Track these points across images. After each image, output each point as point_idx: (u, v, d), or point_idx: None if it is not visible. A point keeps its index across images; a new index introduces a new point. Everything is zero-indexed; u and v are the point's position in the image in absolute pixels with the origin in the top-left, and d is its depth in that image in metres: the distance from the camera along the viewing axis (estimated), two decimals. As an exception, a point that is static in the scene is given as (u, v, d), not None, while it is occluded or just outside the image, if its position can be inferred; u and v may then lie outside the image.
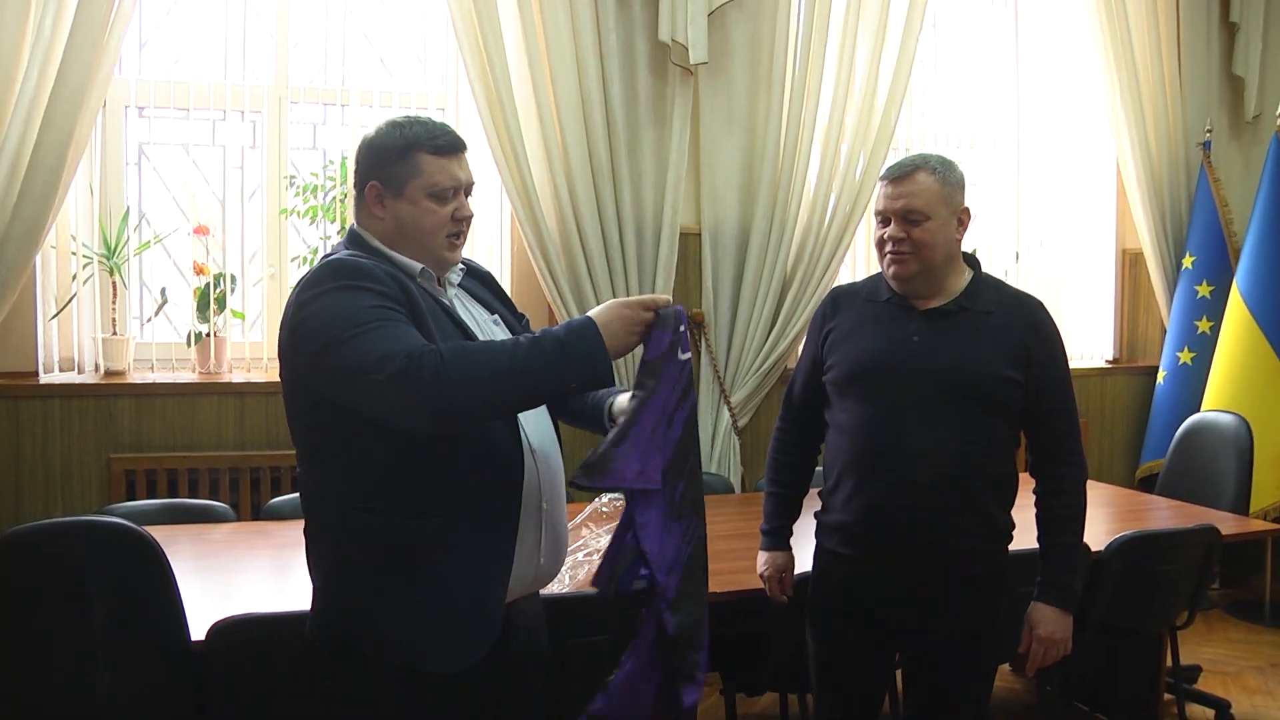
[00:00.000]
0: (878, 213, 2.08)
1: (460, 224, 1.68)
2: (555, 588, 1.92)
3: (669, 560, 1.63)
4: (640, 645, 1.65)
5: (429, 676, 1.59)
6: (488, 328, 1.74)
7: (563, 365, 1.51)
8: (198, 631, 1.85)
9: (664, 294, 3.78)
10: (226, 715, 1.87)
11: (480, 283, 1.84)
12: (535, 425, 1.71)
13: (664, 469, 1.61)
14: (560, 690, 1.88)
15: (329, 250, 1.73)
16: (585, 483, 1.56)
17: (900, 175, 2.03)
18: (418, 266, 1.66)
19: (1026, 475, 2.13)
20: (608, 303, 1.59)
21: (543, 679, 1.78)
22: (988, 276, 2.15)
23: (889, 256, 2.06)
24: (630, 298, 1.62)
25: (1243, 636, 4.11)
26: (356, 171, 1.69)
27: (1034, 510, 2.10)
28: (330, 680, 1.65)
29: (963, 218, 2.07)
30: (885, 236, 2.05)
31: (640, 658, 1.65)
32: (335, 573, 1.63)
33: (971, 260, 2.14)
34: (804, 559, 2.20)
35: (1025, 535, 2.23)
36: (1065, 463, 2.10)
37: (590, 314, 1.57)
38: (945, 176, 2.03)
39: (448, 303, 1.69)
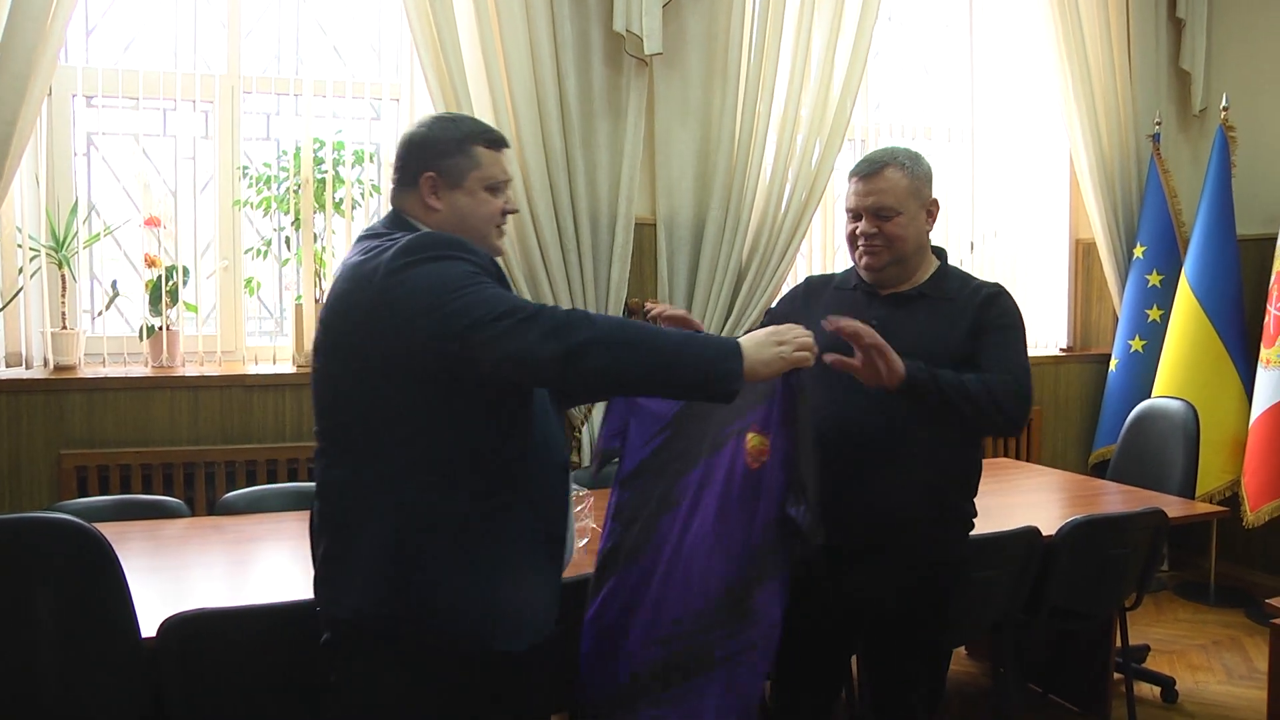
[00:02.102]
0: (849, 209, 2.11)
1: (506, 217, 1.76)
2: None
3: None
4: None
5: (489, 656, 1.61)
6: None
7: (701, 365, 1.55)
8: (150, 629, 1.83)
9: (638, 295, 3.83)
10: (181, 713, 1.85)
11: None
12: (553, 417, 1.79)
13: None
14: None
15: (370, 230, 1.73)
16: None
17: (870, 172, 2.06)
18: None
19: (988, 463, 2.17)
20: (759, 334, 1.65)
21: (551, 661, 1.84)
22: (954, 268, 2.19)
23: (862, 249, 2.09)
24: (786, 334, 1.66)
25: (1189, 616, 4.21)
26: (405, 165, 1.72)
27: (993, 498, 2.12)
28: (360, 663, 1.63)
29: (932, 209, 2.11)
30: (858, 232, 2.08)
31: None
32: (393, 553, 1.58)
33: (939, 251, 2.18)
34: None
35: (985, 521, 2.27)
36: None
37: (743, 341, 1.62)
38: (914, 171, 2.07)
39: None
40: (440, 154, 1.70)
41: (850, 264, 2.22)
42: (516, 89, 3.57)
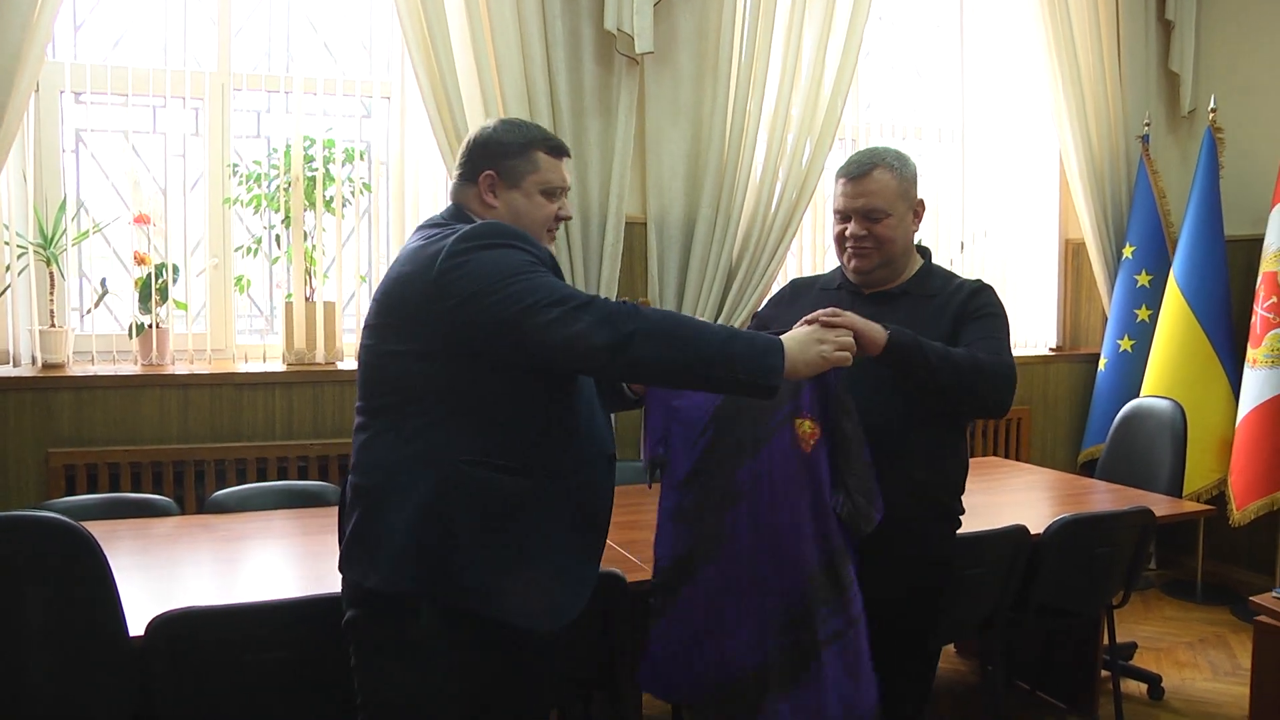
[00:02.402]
0: (837, 210, 2.11)
1: (558, 222, 1.86)
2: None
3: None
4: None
5: (513, 633, 1.66)
6: None
7: (746, 361, 1.61)
8: (138, 627, 1.82)
9: (646, 296, 3.83)
10: (171, 711, 1.85)
11: None
12: (600, 412, 1.83)
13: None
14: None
15: (430, 220, 1.83)
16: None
17: (859, 173, 2.07)
18: None
19: (978, 461, 2.18)
20: (801, 333, 1.72)
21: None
22: (937, 266, 2.20)
23: (851, 251, 2.10)
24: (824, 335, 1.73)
25: (1176, 614, 4.24)
26: (469, 161, 1.82)
27: (981, 497, 2.13)
28: (384, 634, 1.67)
29: (918, 210, 2.13)
30: (847, 234, 2.09)
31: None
32: (428, 525, 1.63)
33: (923, 250, 2.19)
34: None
35: (975, 520, 2.28)
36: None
37: (788, 349, 1.67)
38: (902, 172, 2.08)
39: None
40: (502, 154, 1.80)
41: (819, 260, 2.24)
42: (507, 87, 3.57)
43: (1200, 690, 3.45)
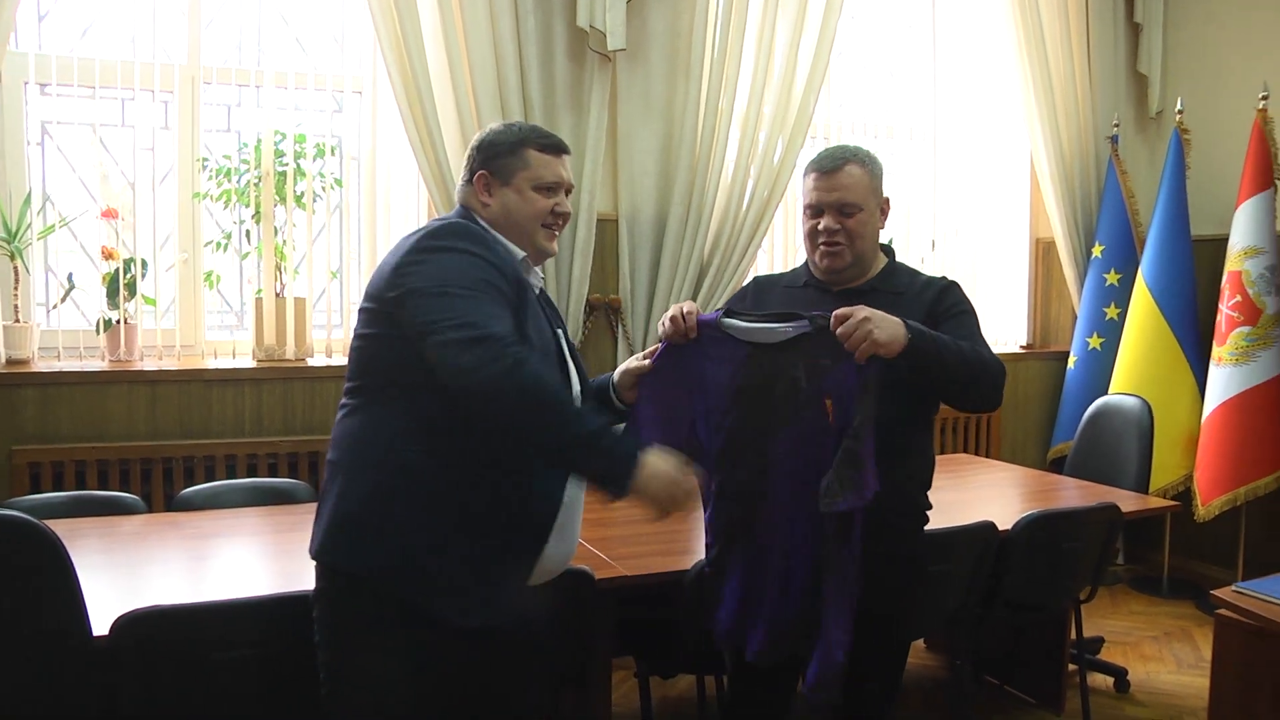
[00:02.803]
0: (809, 205, 2.11)
1: (557, 218, 1.87)
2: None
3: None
4: None
5: (438, 623, 1.66)
6: (554, 328, 1.89)
7: (595, 460, 1.63)
8: (103, 627, 1.81)
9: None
10: (137, 711, 1.83)
11: (544, 298, 1.98)
12: None
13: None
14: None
15: (441, 218, 1.88)
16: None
17: (833, 168, 2.07)
18: (520, 253, 1.84)
19: (948, 458, 2.20)
20: (667, 469, 1.65)
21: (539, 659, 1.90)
22: (902, 264, 2.22)
23: (823, 248, 2.10)
24: (685, 487, 1.68)
25: (1143, 609, 4.30)
26: (469, 163, 1.89)
27: (951, 494, 2.15)
28: (328, 606, 1.73)
29: (885, 208, 2.15)
30: (820, 228, 2.09)
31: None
32: (369, 502, 1.69)
33: (887, 249, 2.20)
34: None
35: (944, 516, 2.30)
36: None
37: (647, 462, 1.63)
38: (872, 169, 2.10)
39: (537, 292, 1.87)
40: (495, 154, 1.85)
41: (790, 257, 2.25)
42: (479, 83, 3.56)
43: (1165, 683, 3.51)
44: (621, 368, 2.05)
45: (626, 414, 2.05)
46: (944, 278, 2.19)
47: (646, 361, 2.02)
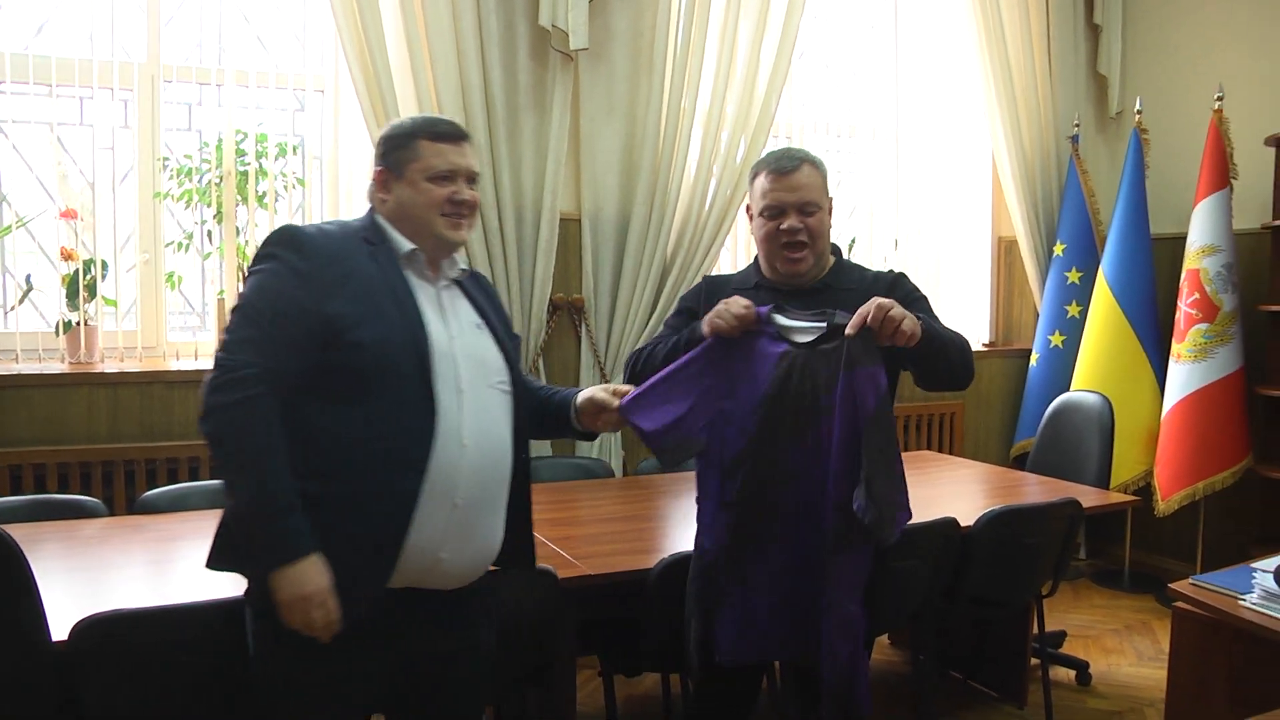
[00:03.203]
0: (770, 206, 2.12)
1: (458, 206, 1.80)
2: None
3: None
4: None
5: (296, 637, 1.62)
6: (465, 325, 1.81)
7: (249, 537, 1.62)
8: (63, 631, 1.78)
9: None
10: (97, 715, 1.81)
11: (484, 294, 1.93)
12: (481, 422, 1.74)
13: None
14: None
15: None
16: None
17: (792, 168, 2.10)
18: (406, 248, 1.77)
19: (912, 455, 2.22)
20: (311, 589, 1.59)
21: (454, 674, 1.80)
22: (849, 261, 2.24)
23: (787, 252, 2.11)
24: (317, 614, 1.61)
25: (1104, 602, 4.36)
26: (374, 160, 1.85)
27: (915, 490, 2.16)
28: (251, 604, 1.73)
29: (831, 207, 2.17)
30: (783, 228, 2.10)
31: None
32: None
33: (834, 248, 2.23)
34: (687, 543, 2.25)
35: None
36: None
37: (301, 567, 1.58)
38: (822, 169, 2.14)
39: (419, 283, 1.77)
40: (390, 149, 1.81)
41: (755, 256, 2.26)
42: (441, 82, 3.55)
43: (1125, 675, 3.56)
44: (587, 393, 1.99)
45: (586, 436, 2.03)
46: (891, 270, 2.23)
47: (615, 400, 1.97)
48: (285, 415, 1.62)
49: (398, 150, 1.79)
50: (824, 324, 1.98)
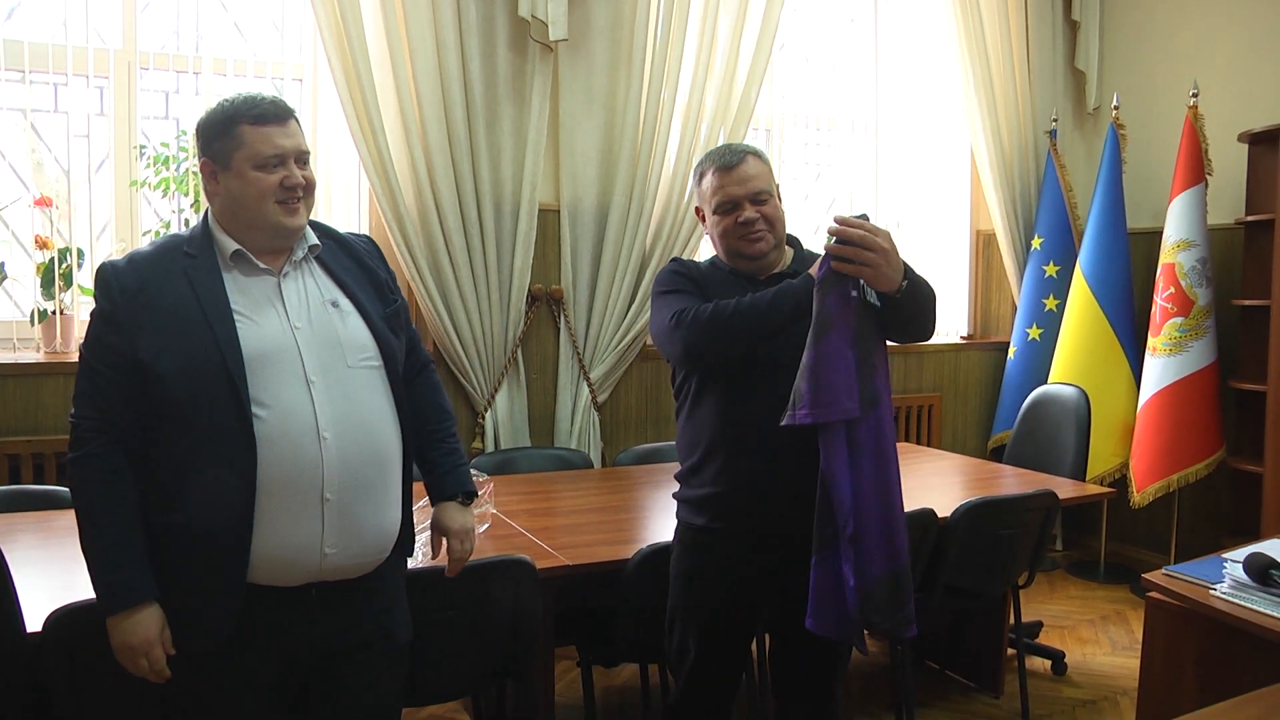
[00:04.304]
0: (723, 202, 2.12)
1: (291, 191, 1.68)
2: (411, 562, 1.90)
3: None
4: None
5: (184, 653, 1.64)
6: (313, 308, 1.71)
7: (95, 575, 1.62)
8: (36, 623, 1.77)
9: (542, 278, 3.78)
10: (69, 708, 1.80)
11: (352, 260, 1.82)
12: (341, 408, 1.67)
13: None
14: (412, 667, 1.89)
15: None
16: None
17: (737, 162, 2.11)
18: (232, 247, 1.68)
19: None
20: (139, 639, 1.61)
21: (366, 664, 1.76)
22: (808, 249, 2.25)
23: (748, 237, 2.11)
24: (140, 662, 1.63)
25: (1080, 593, 4.40)
26: (198, 152, 1.72)
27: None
28: None
29: (779, 193, 2.19)
30: (741, 220, 2.10)
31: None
32: None
33: (792, 239, 2.24)
34: (666, 534, 2.25)
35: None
36: None
37: (136, 618, 1.60)
38: (765, 158, 2.18)
39: (251, 281, 1.69)
40: (210, 138, 1.69)
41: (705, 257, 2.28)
42: (420, 72, 3.53)
43: (1099, 664, 3.60)
44: (444, 519, 1.89)
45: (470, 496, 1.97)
46: None
47: (451, 561, 1.89)
48: (136, 458, 1.64)
49: (220, 139, 1.66)
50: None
